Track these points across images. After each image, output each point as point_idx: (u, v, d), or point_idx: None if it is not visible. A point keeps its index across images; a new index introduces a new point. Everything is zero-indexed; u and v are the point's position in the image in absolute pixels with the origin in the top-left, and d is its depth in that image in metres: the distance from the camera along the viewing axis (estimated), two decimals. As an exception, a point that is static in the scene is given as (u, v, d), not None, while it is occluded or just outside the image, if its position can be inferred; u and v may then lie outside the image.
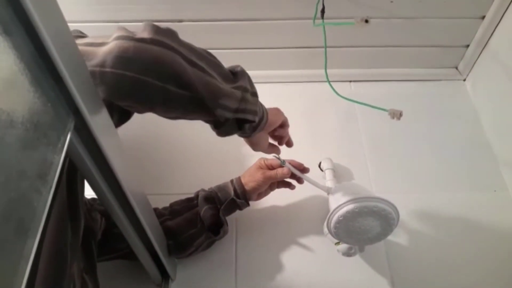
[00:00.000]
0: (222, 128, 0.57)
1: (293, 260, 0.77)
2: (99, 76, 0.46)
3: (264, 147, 0.67)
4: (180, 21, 0.94)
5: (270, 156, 0.74)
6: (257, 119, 0.58)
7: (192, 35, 0.97)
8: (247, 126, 0.58)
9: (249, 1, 0.90)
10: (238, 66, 0.58)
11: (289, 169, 0.72)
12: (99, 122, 0.41)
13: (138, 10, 0.91)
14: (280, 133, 0.69)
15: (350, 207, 0.63)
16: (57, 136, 0.34)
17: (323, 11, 0.88)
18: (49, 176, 0.32)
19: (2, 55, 0.28)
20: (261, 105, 0.61)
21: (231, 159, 0.90)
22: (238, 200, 0.72)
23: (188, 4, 0.90)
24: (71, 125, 0.35)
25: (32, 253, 0.28)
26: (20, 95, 0.29)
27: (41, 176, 0.31)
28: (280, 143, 0.71)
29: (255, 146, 0.66)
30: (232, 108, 0.54)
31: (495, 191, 0.85)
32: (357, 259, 0.76)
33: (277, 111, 0.66)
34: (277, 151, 0.71)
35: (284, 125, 0.68)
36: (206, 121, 0.57)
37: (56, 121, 0.34)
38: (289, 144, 0.73)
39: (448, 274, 0.75)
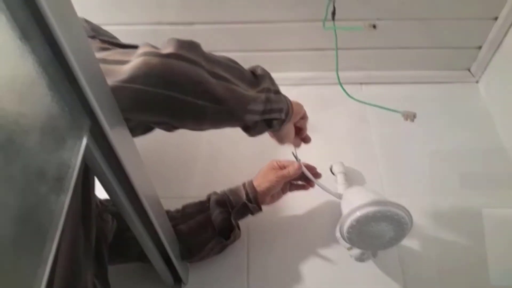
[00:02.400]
0: (252, 130, 0.60)
1: (305, 265, 0.76)
2: (128, 93, 0.47)
3: (291, 138, 0.70)
4: (191, 23, 0.94)
5: (283, 157, 0.75)
6: (283, 115, 0.61)
7: (203, 37, 0.98)
8: (275, 122, 0.61)
9: (259, 3, 0.90)
10: (258, 67, 0.60)
11: (300, 164, 0.73)
12: (114, 125, 0.41)
13: (150, 13, 0.92)
14: (301, 124, 0.71)
15: (363, 212, 0.62)
16: (74, 139, 0.34)
17: (333, 13, 0.87)
18: (66, 179, 0.32)
19: (21, 59, 0.28)
20: (285, 97, 0.63)
21: (243, 160, 0.90)
22: (250, 205, 0.71)
23: (198, 7, 0.91)
24: (87, 128, 0.36)
25: (50, 257, 0.28)
26: (39, 99, 0.30)
27: (59, 180, 0.32)
28: (301, 135, 0.74)
29: (283, 139, 0.69)
30: (259, 111, 0.56)
31: (510, 194, 0.84)
32: (370, 264, 0.75)
33: (297, 103, 0.68)
34: (300, 143, 0.74)
35: (304, 116, 0.70)
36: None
37: (73, 125, 0.34)
38: (307, 139, 0.76)
39: (463, 280, 0.74)
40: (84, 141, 0.35)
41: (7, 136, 0.26)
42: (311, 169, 0.76)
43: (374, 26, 0.79)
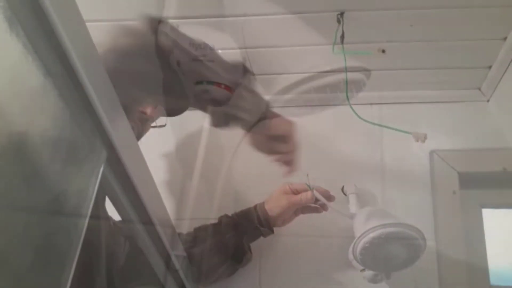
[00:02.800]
0: (212, 118, 0.60)
1: (317, 287, 0.75)
2: None
3: (262, 150, 0.66)
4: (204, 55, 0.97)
5: (296, 177, 0.73)
6: (247, 116, 0.60)
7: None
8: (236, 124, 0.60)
9: (268, 28, 0.92)
10: (242, 63, 0.62)
11: (313, 193, 0.72)
12: (130, 153, 0.42)
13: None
14: (278, 144, 0.66)
15: (376, 233, 0.62)
16: (92, 168, 0.36)
17: (342, 37, 0.89)
18: (83, 207, 0.34)
19: (45, 94, 0.30)
20: (265, 106, 0.63)
21: (254, 181, 0.91)
22: (262, 228, 0.72)
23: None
24: (104, 158, 0.37)
25: (68, 283, 0.30)
26: (62, 132, 0.31)
27: (76, 208, 0.33)
28: (278, 158, 0.68)
29: (254, 146, 0.66)
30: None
31: (526, 215, 0.82)
32: (383, 286, 0.74)
33: (284, 122, 0.65)
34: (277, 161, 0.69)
35: (286, 140, 0.65)
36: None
37: (91, 155, 0.36)
38: (287, 164, 0.68)
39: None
40: (101, 170, 0.36)
41: (31, 167, 0.28)
42: (324, 192, 0.75)
43: (384, 51, 0.80)
